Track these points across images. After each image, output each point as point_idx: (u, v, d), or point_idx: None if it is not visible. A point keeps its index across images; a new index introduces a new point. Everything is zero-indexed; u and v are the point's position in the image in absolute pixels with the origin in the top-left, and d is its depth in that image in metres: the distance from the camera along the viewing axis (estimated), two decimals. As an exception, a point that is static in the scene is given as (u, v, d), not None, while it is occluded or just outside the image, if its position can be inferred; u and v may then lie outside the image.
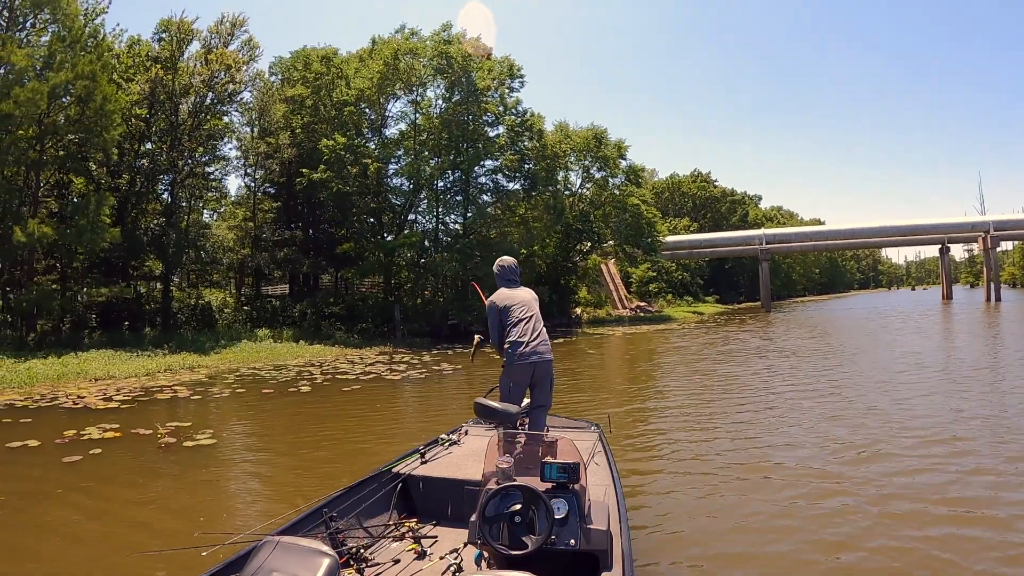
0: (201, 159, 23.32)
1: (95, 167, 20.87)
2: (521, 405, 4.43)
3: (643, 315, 41.10)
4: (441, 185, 28.12)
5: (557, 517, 2.72)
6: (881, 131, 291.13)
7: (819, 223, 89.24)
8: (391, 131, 28.03)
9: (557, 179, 33.40)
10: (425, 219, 29.32)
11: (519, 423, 4.45)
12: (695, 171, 73.16)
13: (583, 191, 37.07)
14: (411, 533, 3.53)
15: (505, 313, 4.53)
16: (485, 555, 2.85)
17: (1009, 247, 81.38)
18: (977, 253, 72.16)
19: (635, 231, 36.07)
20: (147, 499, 5.70)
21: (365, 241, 26.34)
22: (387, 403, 11.34)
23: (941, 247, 53.94)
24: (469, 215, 28.50)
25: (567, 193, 35.11)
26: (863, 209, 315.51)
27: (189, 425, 8.70)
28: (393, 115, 28.11)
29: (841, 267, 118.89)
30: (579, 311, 37.80)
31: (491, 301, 4.61)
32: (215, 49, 22.43)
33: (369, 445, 7.70)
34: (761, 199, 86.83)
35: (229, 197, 29.06)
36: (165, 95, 21.58)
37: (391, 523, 3.70)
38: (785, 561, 4.15)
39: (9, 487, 6.06)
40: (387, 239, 26.23)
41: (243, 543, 2.89)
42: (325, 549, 2.19)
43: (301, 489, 5.79)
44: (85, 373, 13.93)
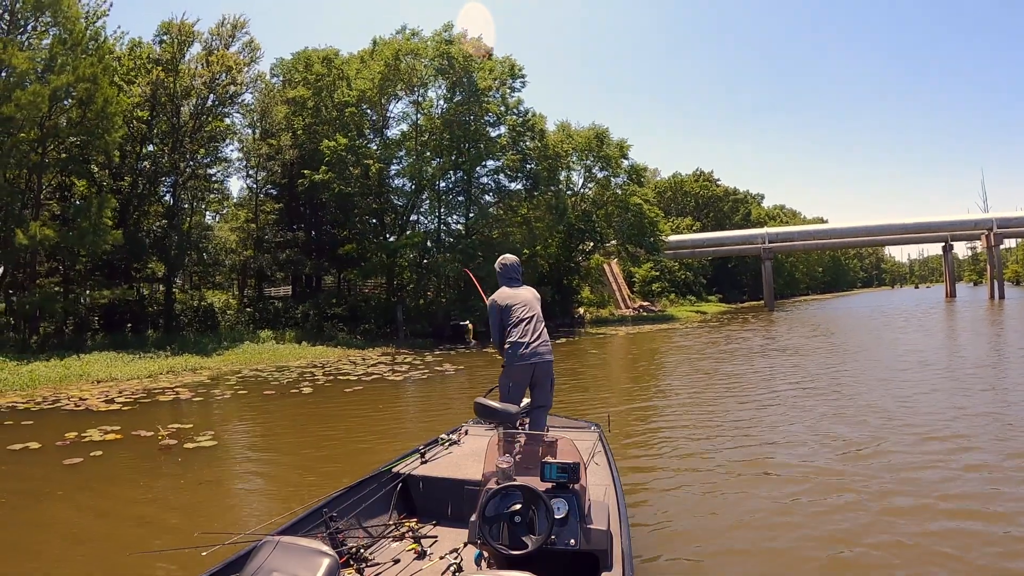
0: (203, 161, 23.33)
1: (97, 169, 20.91)
2: (520, 405, 4.41)
3: (646, 315, 41.04)
4: (443, 185, 28.13)
5: (557, 517, 2.72)
6: (883, 130, 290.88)
7: (822, 222, 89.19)
8: (393, 132, 28.08)
9: (559, 179, 33.43)
10: (427, 220, 29.38)
11: (519, 423, 4.44)
12: (697, 170, 72.99)
13: (585, 191, 37.09)
14: (411, 533, 3.53)
15: (506, 312, 4.50)
16: (485, 555, 2.84)
17: (1012, 244, 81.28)
18: (980, 251, 71.88)
19: (638, 231, 35.99)
20: (147, 500, 5.69)
21: (367, 242, 26.37)
22: (389, 404, 11.33)
23: (944, 245, 53.79)
24: (471, 215, 28.51)
25: (569, 193, 35.11)
26: (865, 208, 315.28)
27: (190, 427, 8.70)
28: (395, 116, 28.17)
29: (844, 266, 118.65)
30: (582, 311, 37.76)
31: (492, 300, 4.58)
32: (216, 51, 22.43)
33: (370, 446, 7.69)
34: (764, 198, 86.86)
35: (231, 199, 29.10)
36: (166, 97, 21.63)
37: (391, 523, 3.69)
38: (786, 557, 4.14)
39: (9, 489, 6.06)
40: (389, 240, 26.22)
41: (243, 543, 2.88)
42: (325, 549, 2.19)
43: (301, 489, 5.77)
44: (87, 375, 13.96)
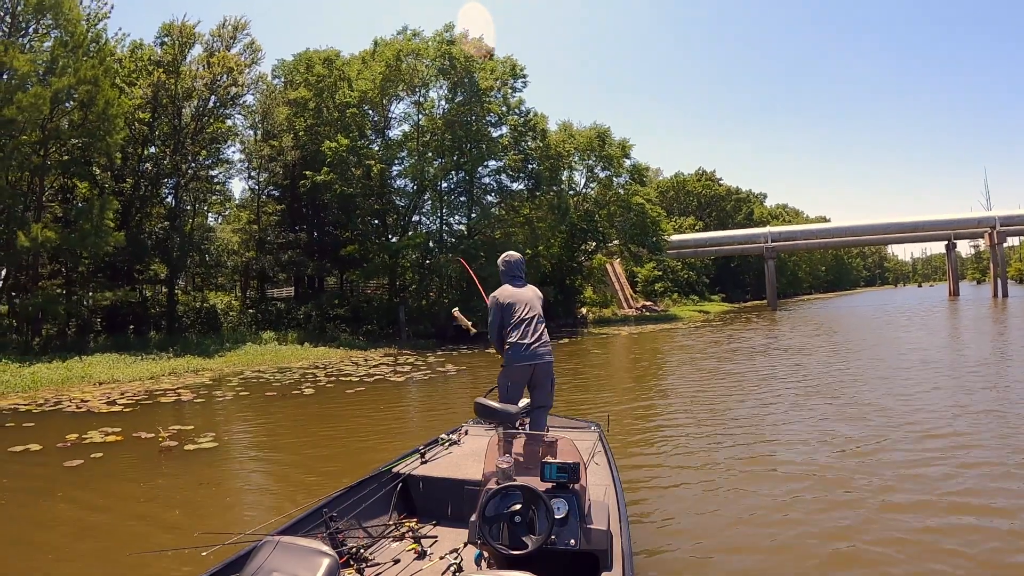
0: (205, 162, 23.38)
1: (99, 171, 20.95)
2: (518, 405, 4.39)
3: (649, 314, 41.03)
4: (445, 186, 28.13)
5: (557, 517, 2.71)
6: (885, 128, 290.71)
7: (824, 221, 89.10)
8: (394, 132, 28.07)
9: (561, 179, 33.42)
10: (429, 220, 29.33)
11: (519, 423, 4.42)
12: (700, 170, 72.94)
13: (587, 191, 37.07)
14: (411, 533, 3.52)
15: (508, 312, 4.46)
16: (485, 555, 2.84)
17: (1015, 243, 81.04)
18: (983, 249, 71.74)
19: (640, 230, 35.98)
20: (147, 500, 5.69)
21: (369, 243, 26.37)
22: (390, 405, 11.31)
23: (947, 243, 53.73)
24: (473, 216, 28.50)
25: (571, 193, 35.08)
26: (868, 207, 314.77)
27: (191, 428, 8.70)
28: (396, 116, 28.18)
29: (847, 265, 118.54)
30: (584, 311, 37.74)
31: (494, 297, 4.53)
32: (217, 52, 22.47)
33: (371, 446, 7.68)
34: (766, 197, 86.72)
35: (233, 200, 29.13)
36: (168, 99, 21.67)
37: (391, 523, 3.68)
38: (787, 553, 4.14)
39: (10, 490, 6.06)
40: (391, 240, 26.20)
41: (243, 543, 2.88)
42: (325, 549, 2.19)
43: (302, 489, 5.77)
44: (89, 377, 13.98)
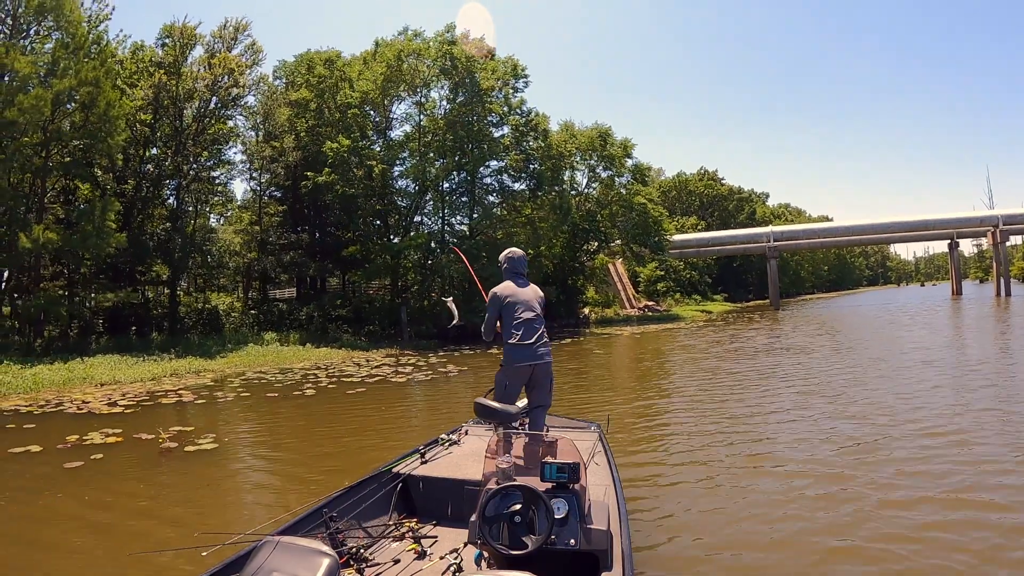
0: (206, 163, 23.41)
1: (100, 173, 21.00)
2: (516, 404, 4.37)
3: (651, 314, 40.98)
4: (447, 186, 28.14)
5: (557, 517, 2.71)
6: (887, 127, 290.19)
7: (827, 220, 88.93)
8: (396, 133, 28.12)
9: (563, 179, 33.38)
10: (431, 220, 29.36)
11: (519, 423, 4.41)
12: (702, 169, 72.87)
13: (589, 191, 37.06)
14: (411, 533, 3.52)
15: (507, 310, 4.42)
16: (485, 555, 2.83)
17: (1018, 241, 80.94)
18: (986, 248, 71.45)
19: (642, 230, 35.97)
20: (147, 501, 5.67)
21: (371, 243, 26.36)
22: (392, 405, 11.29)
23: (950, 242, 53.57)
24: (475, 216, 28.52)
25: (573, 193, 35.07)
26: (870, 206, 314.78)
27: (192, 429, 8.70)
28: (397, 117, 28.19)
29: (850, 264, 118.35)
30: (587, 311, 37.71)
31: (494, 292, 4.49)
32: (218, 54, 22.49)
33: (372, 446, 7.66)
34: (768, 197, 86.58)
35: (235, 201, 29.19)
36: (169, 100, 21.71)
37: (391, 523, 3.68)
38: (787, 550, 4.14)
39: (9, 492, 6.05)
40: (393, 241, 26.23)
41: (243, 543, 2.88)
42: (325, 549, 2.19)
43: (302, 490, 5.76)
44: (91, 378, 13.99)
